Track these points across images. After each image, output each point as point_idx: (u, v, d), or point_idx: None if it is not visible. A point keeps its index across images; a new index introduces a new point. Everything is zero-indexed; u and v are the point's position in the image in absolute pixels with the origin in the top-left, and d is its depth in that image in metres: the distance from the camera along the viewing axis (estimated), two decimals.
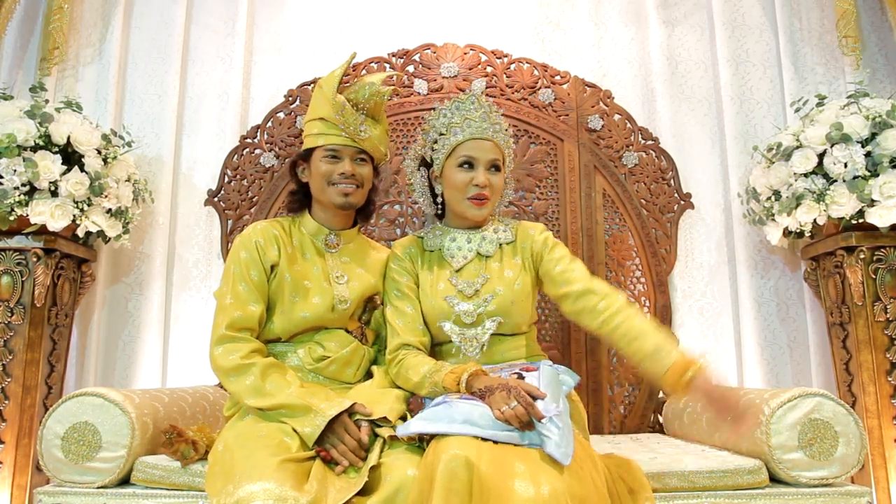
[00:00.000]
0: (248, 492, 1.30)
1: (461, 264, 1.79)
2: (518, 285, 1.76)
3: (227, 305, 1.66)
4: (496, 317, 1.74)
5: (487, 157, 1.77)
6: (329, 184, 1.76)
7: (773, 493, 1.65)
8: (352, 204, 1.78)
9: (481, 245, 1.81)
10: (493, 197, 1.79)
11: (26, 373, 2.17)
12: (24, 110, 2.21)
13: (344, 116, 1.74)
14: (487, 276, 1.77)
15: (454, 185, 1.78)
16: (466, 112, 1.80)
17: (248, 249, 1.72)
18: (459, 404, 1.43)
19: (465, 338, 1.74)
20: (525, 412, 1.38)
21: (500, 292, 1.74)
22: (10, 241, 2.20)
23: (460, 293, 1.75)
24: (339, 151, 1.76)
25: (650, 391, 2.45)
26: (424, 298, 1.78)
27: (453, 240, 1.83)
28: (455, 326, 1.74)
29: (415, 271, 1.82)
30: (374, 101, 1.78)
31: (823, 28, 2.74)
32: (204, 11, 2.84)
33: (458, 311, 1.73)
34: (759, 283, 2.60)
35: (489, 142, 1.78)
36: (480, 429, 1.37)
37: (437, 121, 1.84)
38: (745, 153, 2.64)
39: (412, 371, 1.64)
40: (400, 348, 1.72)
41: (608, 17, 2.83)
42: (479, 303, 1.74)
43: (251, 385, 1.56)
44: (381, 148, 1.83)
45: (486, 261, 1.80)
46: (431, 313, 1.76)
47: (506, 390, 1.43)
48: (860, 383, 2.18)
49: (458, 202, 1.79)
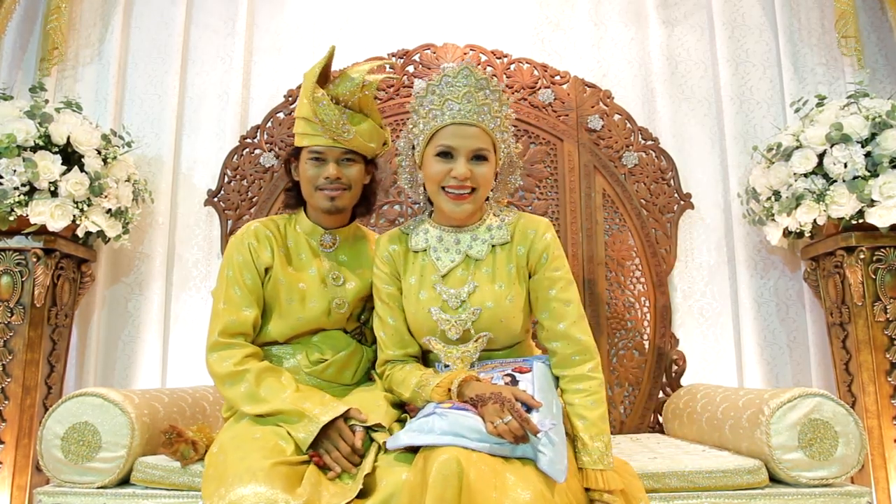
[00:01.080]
0: (238, 495, 1.29)
1: (447, 269, 1.60)
2: (509, 300, 1.57)
3: (221, 311, 1.64)
4: (485, 332, 1.57)
5: (470, 146, 1.53)
6: (315, 189, 1.72)
7: (773, 493, 1.65)
8: (338, 208, 1.74)
9: (471, 247, 1.61)
10: (479, 190, 1.56)
11: (26, 373, 2.17)
12: (24, 110, 2.21)
13: (322, 115, 1.65)
14: (476, 285, 1.58)
15: (430, 177, 1.57)
16: (446, 90, 1.54)
17: (241, 252, 1.69)
18: (449, 414, 1.35)
19: (452, 357, 1.58)
20: (520, 427, 1.30)
21: (489, 307, 1.56)
22: (10, 241, 2.20)
23: (444, 304, 1.58)
24: (324, 154, 1.70)
25: (650, 391, 2.45)
26: (408, 307, 1.62)
27: (440, 239, 1.64)
28: (440, 343, 1.59)
29: (397, 275, 1.66)
30: (359, 95, 1.69)
31: (823, 28, 2.75)
32: (204, 11, 2.84)
33: (443, 327, 1.57)
34: (758, 284, 2.60)
35: (474, 127, 1.53)
36: (470, 441, 1.29)
37: (420, 99, 1.60)
38: (744, 153, 2.64)
39: (402, 387, 1.56)
40: (385, 363, 1.66)
41: (608, 17, 2.83)
42: (466, 316, 1.56)
43: (246, 392, 1.55)
44: (370, 144, 1.73)
45: (475, 265, 1.60)
46: (415, 326, 1.62)
47: (499, 402, 1.34)
48: (860, 383, 2.18)
49: (435, 196, 1.59)
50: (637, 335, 2.50)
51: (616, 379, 2.47)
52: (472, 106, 1.53)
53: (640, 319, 2.51)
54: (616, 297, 2.52)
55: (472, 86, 1.54)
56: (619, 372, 2.47)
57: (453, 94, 1.54)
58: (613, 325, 2.50)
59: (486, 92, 1.56)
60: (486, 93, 1.56)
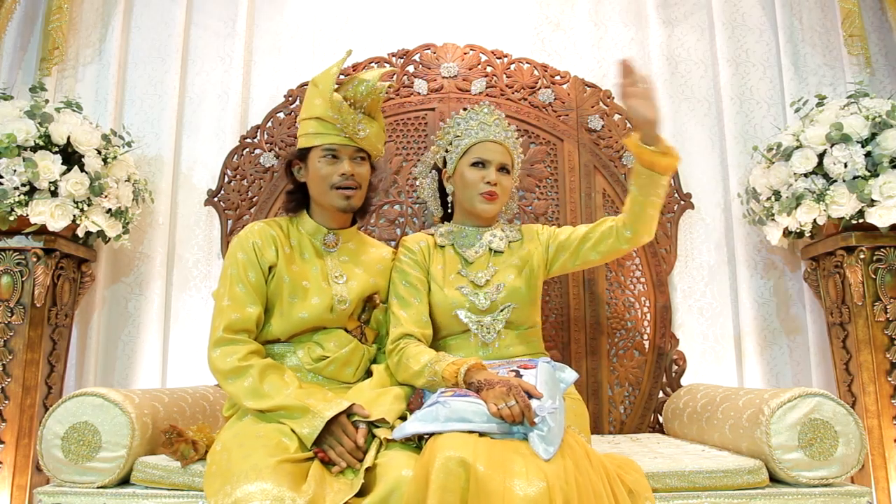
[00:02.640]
0: (245, 492, 1.29)
1: (473, 258, 1.90)
2: (526, 271, 1.88)
3: (225, 307, 1.66)
4: (509, 303, 1.83)
5: (498, 160, 1.90)
6: (331, 187, 1.75)
7: (773, 493, 1.65)
8: (353, 206, 1.79)
9: (492, 241, 1.92)
10: (501, 196, 1.91)
11: (26, 373, 2.17)
12: (24, 110, 2.21)
13: (342, 115, 1.73)
14: (496, 268, 1.88)
15: (467, 183, 1.90)
16: (481, 117, 1.94)
17: (245, 251, 1.71)
18: (453, 402, 1.45)
19: (482, 325, 1.82)
20: (521, 413, 1.40)
21: (510, 279, 1.85)
22: (10, 241, 2.20)
23: (472, 283, 1.85)
24: (338, 151, 1.75)
25: (650, 391, 2.45)
26: (437, 289, 1.85)
27: (465, 236, 1.95)
28: (470, 314, 1.82)
29: (426, 264, 1.89)
30: (371, 98, 1.77)
31: (824, 28, 2.75)
32: (204, 12, 2.84)
33: (473, 300, 1.83)
34: (758, 283, 2.60)
35: (501, 146, 1.92)
36: (473, 424, 1.40)
37: (452, 127, 1.97)
38: (745, 153, 2.64)
39: (413, 360, 1.67)
40: (402, 337, 1.75)
41: (608, 18, 2.83)
42: (490, 291, 1.83)
43: (249, 387, 1.56)
44: (378, 145, 1.83)
45: (495, 255, 1.91)
46: (445, 303, 1.83)
47: (506, 387, 1.45)
48: (860, 383, 2.18)
49: (469, 199, 1.90)
50: (637, 335, 2.50)
51: (616, 379, 2.47)
52: (499, 129, 1.94)
53: (640, 319, 2.51)
54: (616, 297, 2.52)
55: (498, 116, 1.96)
56: (619, 372, 2.47)
57: (486, 119, 1.94)
58: (613, 325, 2.50)
59: (506, 123, 1.99)
60: (506, 124, 1.99)
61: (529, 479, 1.27)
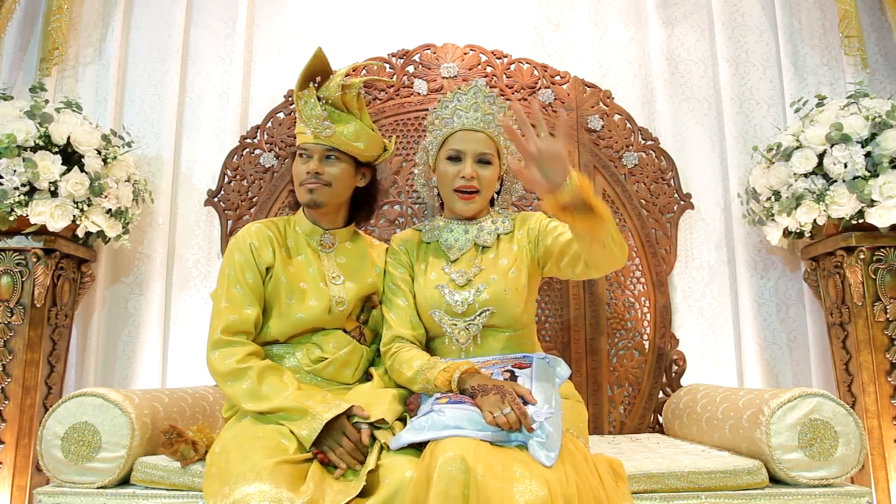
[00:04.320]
0: (243, 493, 1.29)
1: (457, 255, 1.79)
2: (513, 273, 1.73)
3: (223, 309, 1.65)
4: (488, 307, 1.70)
5: (476, 150, 1.75)
6: (300, 184, 1.76)
7: (773, 494, 1.65)
8: (317, 202, 1.75)
9: (479, 236, 1.80)
10: (483, 190, 1.77)
11: (26, 373, 2.17)
12: (24, 110, 2.21)
13: (302, 113, 1.72)
14: (482, 267, 1.75)
15: (442, 178, 1.79)
16: (458, 102, 1.78)
17: (242, 252, 1.71)
18: (447, 410, 1.42)
19: (457, 328, 1.72)
20: (517, 420, 1.37)
21: (493, 280, 1.72)
22: (10, 241, 2.20)
23: (452, 282, 1.74)
24: (309, 150, 1.75)
25: (650, 391, 2.45)
26: (418, 289, 1.77)
27: (451, 231, 1.83)
28: (446, 315, 1.73)
29: (410, 263, 1.82)
30: (341, 93, 1.73)
31: (823, 28, 2.75)
32: (204, 12, 2.84)
33: (449, 301, 1.72)
34: (758, 284, 2.60)
35: (480, 133, 1.76)
36: (469, 431, 1.36)
37: (434, 113, 1.84)
38: (745, 153, 2.64)
39: (405, 366, 1.64)
40: (393, 341, 1.73)
41: (608, 18, 2.83)
42: (471, 293, 1.71)
43: (248, 389, 1.56)
44: (355, 144, 1.75)
45: (482, 252, 1.79)
46: (424, 303, 1.75)
47: (500, 394, 1.41)
48: (860, 383, 2.18)
49: (446, 195, 1.80)
50: (637, 335, 2.50)
51: (616, 379, 2.47)
52: (479, 115, 1.76)
53: (640, 319, 2.51)
54: (616, 297, 2.51)
55: (480, 99, 1.77)
56: (619, 372, 2.47)
57: (463, 106, 1.77)
58: (613, 325, 2.50)
59: (491, 104, 1.78)
60: (492, 105, 1.78)
61: (530, 485, 1.25)
